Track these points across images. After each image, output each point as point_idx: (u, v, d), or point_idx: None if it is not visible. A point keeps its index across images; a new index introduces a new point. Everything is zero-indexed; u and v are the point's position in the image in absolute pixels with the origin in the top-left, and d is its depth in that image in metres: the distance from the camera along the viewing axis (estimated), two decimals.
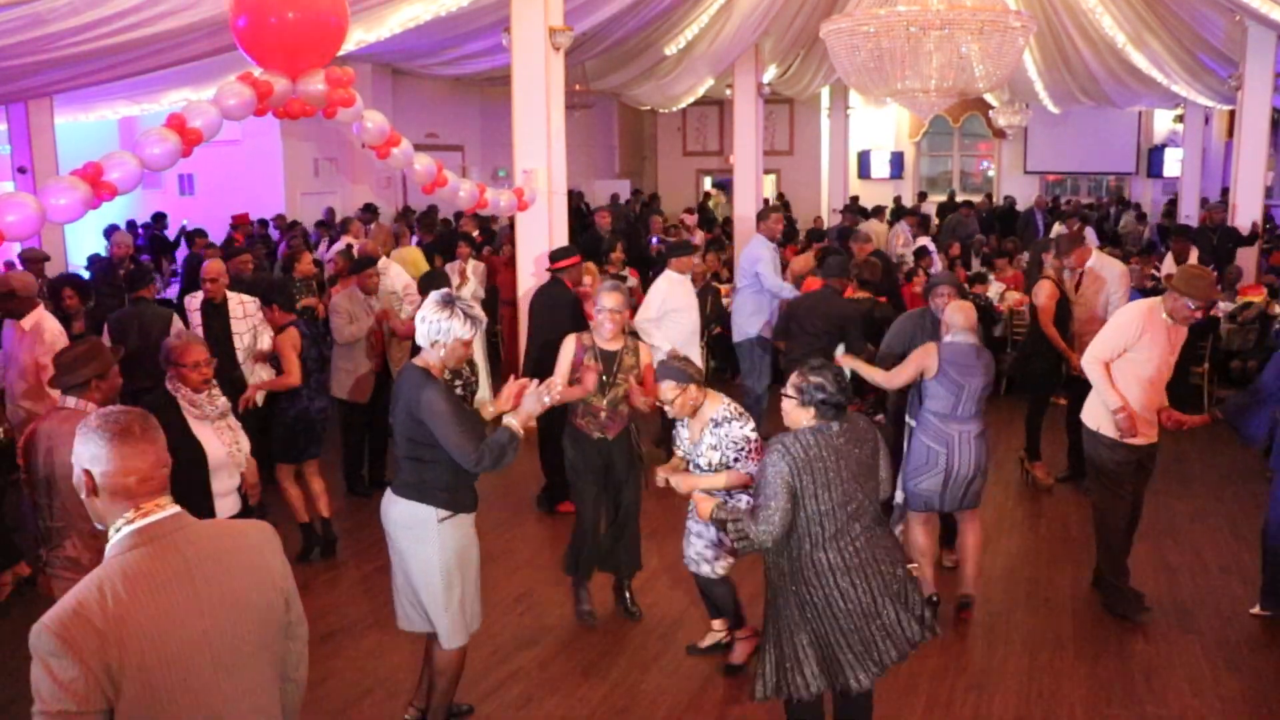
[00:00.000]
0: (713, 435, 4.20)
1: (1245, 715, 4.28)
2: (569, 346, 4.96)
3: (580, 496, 5.11)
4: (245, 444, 4.24)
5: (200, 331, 6.37)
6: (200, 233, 11.49)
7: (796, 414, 3.47)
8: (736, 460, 4.19)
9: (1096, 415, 5.12)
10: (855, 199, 18.47)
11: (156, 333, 6.30)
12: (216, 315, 6.43)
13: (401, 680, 4.60)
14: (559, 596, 5.33)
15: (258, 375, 6.41)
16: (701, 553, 4.52)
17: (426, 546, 3.74)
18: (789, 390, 3.50)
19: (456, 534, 3.79)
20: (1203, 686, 4.48)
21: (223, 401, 4.19)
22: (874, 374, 5.33)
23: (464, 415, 3.70)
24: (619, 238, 8.83)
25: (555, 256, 6.90)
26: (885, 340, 6.07)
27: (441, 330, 3.68)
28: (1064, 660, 4.72)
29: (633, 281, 7.45)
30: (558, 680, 4.60)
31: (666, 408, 4.27)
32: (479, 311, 3.78)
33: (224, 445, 4.14)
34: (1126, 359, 4.98)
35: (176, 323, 6.58)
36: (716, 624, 4.80)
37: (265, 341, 6.42)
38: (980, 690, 4.46)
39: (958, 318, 5.04)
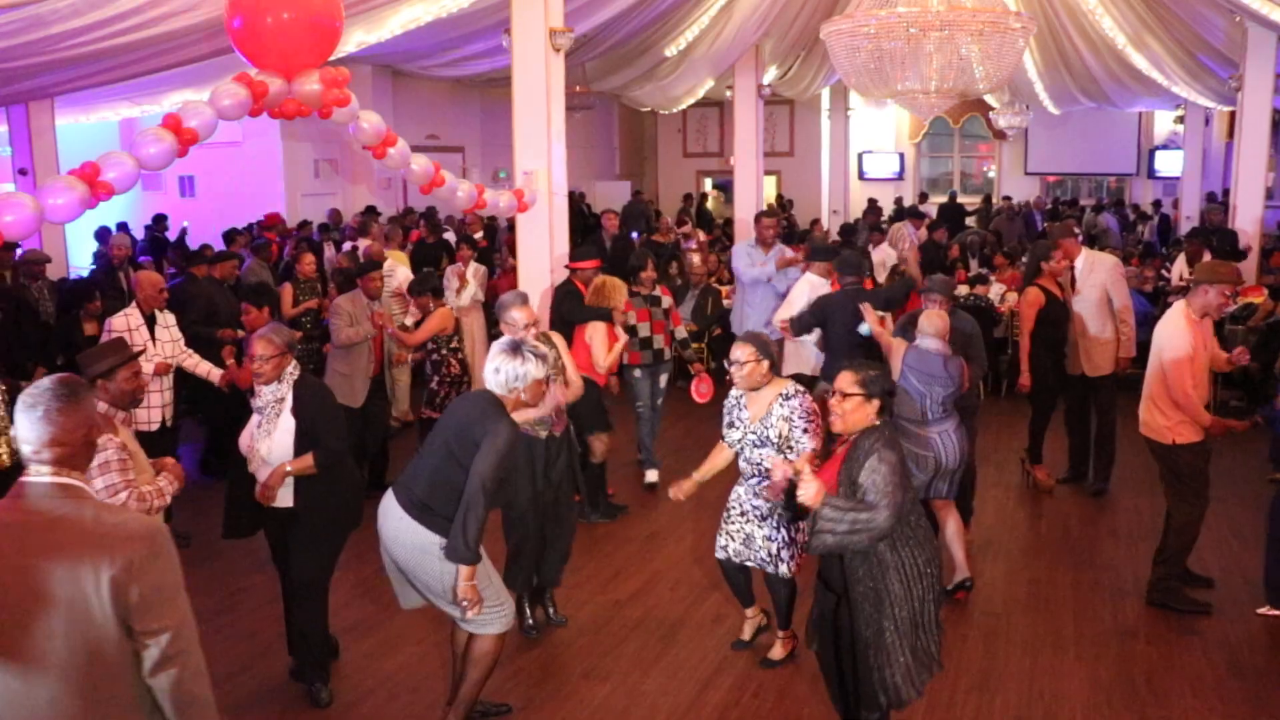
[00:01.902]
0: (784, 407, 4.32)
1: (1247, 717, 4.26)
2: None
3: (517, 503, 4.90)
4: (264, 446, 4.21)
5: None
6: (235, 233, 11.35)
7: (863, 410, 3.49)
8: (806, 431, 4.28)
9: (1169, 429, 5.10)
10: (900, 201, 18.37)
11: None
12: (147, 329, 6.23)
13: (401, 681, 4.60)
14: (559, 598, 5.32)
15: (168, 396, 6.29)
16: (776, 554, 4.48)
17: (443, 574, 3.74)
18: (851, 389, 3.49)
19: None
20: (1204, 688, 4.47)
21: (266, 399, 4.24)
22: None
23: (509, 466, 3.69)
24: (648, 252, 7.79)
25: (575, 257, 7.10)
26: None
27: (518, 376, 3.74)
28: (1065, 661, 4.71)
29: (667, 302, 7.16)
30: (558, 682, 4.60)
31: (733, 368, 4.35)
32: (544, 349, 3.89)
33: (251, 437, 4.25)
34: None
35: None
36: (750, 612, 4.87)
37: (194, 364, 6.26)
38: (981, 691, 4.45)
39: (926, 326, 5.25)
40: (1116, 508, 6.75)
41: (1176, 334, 5.05)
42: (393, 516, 3.80)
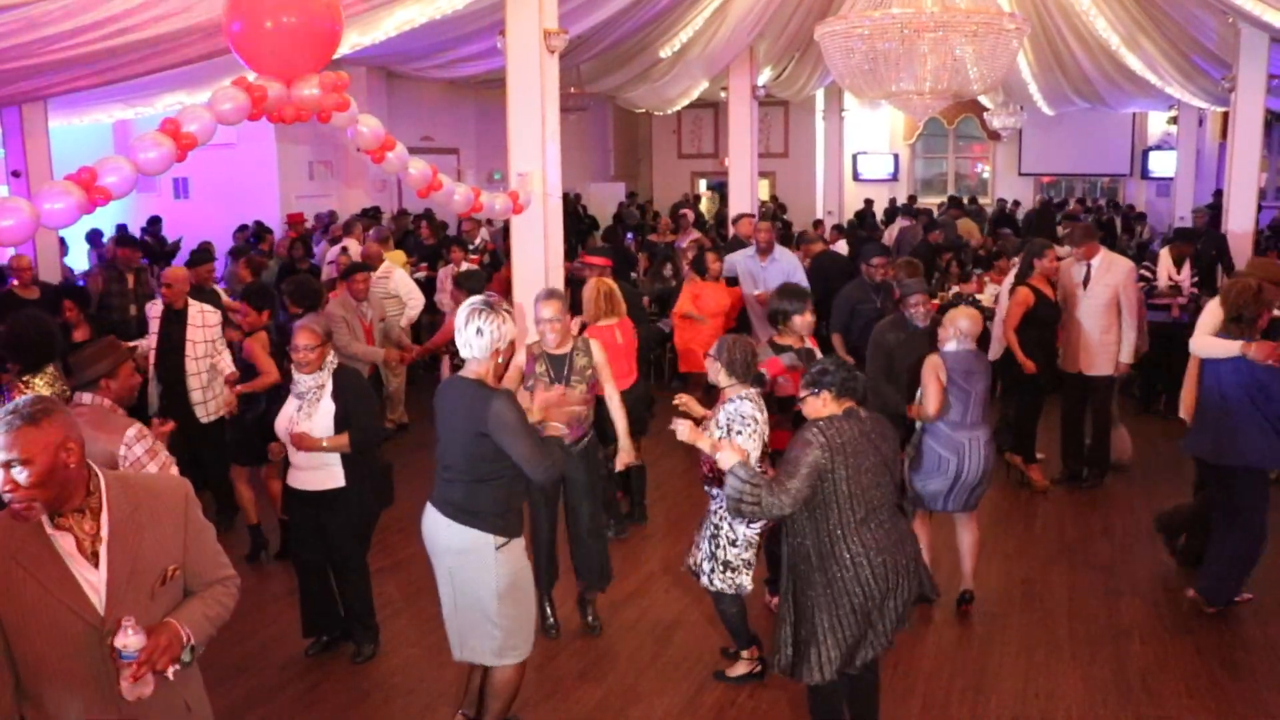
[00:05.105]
0: (723, 413, 4.38)
1: (1242, 717, 4.28)
2: (519, 356, 4.89)
3: (534, 509, 4.89)
4: (304, 428, 4.51)
5: (155, 340, 6.29)
6: (264, 229, 11.12)
7: (813, 404, 3.70)
8: (739, 433, 4.20)
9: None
10: (956, 200, 18.04)
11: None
12: (175, 323, 6.25)
13: (398, 684, 4.60)
14: (556, 599, 5.32)
15: (213, 389, 6.26)
16: (699, 564, 4.49)
17: (483, 573, 3.68)
18: (801, 392, 3.77)
19: (511, 559, 3.72)
20: (1199, 687, 4.49)
21: (308, 385, 4.55)
22: (923, 408, 5.16)
23: (529, 425, 3.63)
24: (807, 292, 5.43)
25: (591, 252, 7.16)
26: (868, 356, 5.85)
27: (500, 336, 3.63)
28: (1060, 661, 4.73)
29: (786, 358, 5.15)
30: (554, 683, 4.60)
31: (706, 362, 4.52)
32: (509, 305, 3.83)
33: (288, 422, 4.55)
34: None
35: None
36: (746, 654, 4.62)
37: (225, 363, 6.26)
38: (977, 691, 4.47)
39: (964, 324, 5.08)
40: (1110, 507, 6.76)
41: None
42: (441, 527, 3.74)
